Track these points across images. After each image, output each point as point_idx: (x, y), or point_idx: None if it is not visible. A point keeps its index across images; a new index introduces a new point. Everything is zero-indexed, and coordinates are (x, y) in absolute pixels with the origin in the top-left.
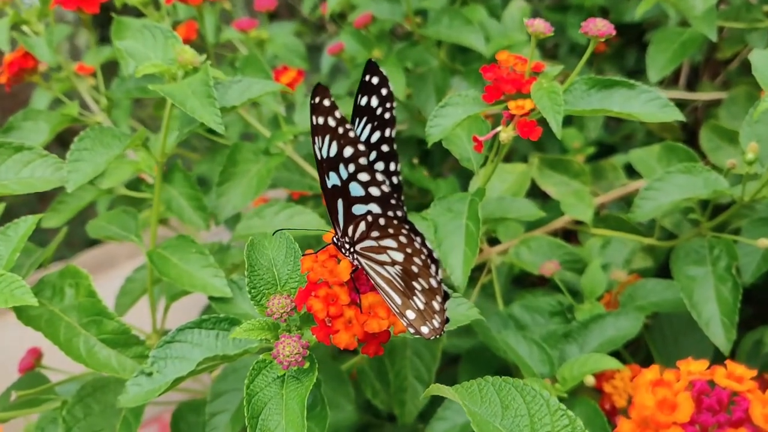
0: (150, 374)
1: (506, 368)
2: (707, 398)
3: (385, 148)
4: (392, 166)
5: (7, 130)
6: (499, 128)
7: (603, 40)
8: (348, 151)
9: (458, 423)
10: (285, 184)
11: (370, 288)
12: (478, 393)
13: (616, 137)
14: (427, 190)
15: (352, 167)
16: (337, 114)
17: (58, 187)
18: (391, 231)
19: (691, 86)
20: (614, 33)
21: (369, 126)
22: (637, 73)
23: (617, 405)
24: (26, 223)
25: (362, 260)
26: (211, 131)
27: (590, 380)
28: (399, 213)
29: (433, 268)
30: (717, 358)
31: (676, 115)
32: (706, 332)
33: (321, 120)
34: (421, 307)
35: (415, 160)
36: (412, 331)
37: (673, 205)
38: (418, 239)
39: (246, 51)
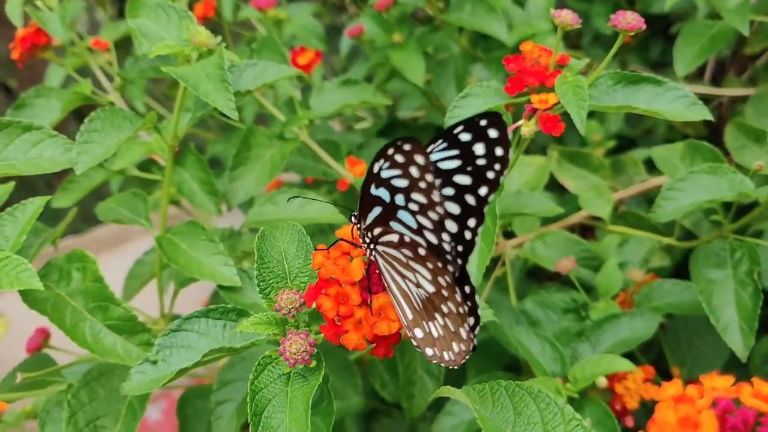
0: (155, 362)
1: (516, 362)
2: (732, 417)
3: (470, 200)
4: (471, 222)
5: (19, 107)
6: (520, 122)
7: (632, 34)
8: (419, 198)
9: (465, 419)
10: (299, 169)
11: (382, 288)
12: (490, 397)
13: (637, 131)
14: None
15: (415, 207)
16: (428, 177)
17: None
18: (429, 266)
19: (716, 81)
20: (644, 27)
21: (456, 161)
22: (662, 65)
23: (628, 406)
24: (34, 205)
25: (380, 260)
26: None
27: (602, 381)
28: (450, 268)
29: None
30: (732, 361)
31: (704, 114)
32: (723, 337)
33: (401, 159)
34: (435, 334)
35: None
36: (417, 347)
37: (695, 206)
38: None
39: (264, 30)
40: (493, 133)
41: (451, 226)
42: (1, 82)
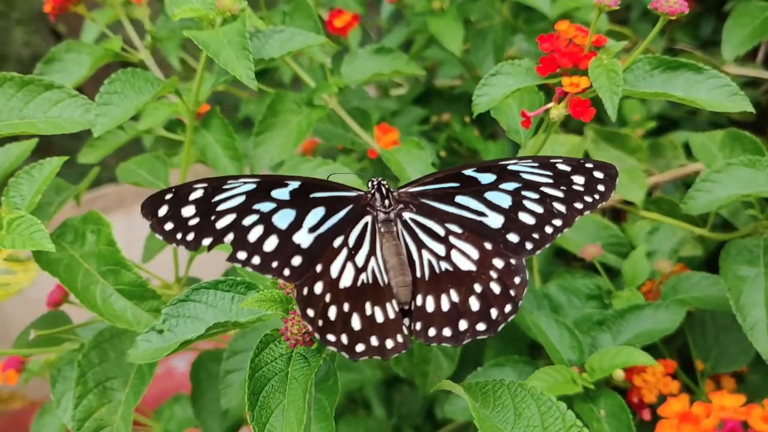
0: (161, 332)
1: (535, 346)
2: None
3: (559, 207)
4: (556, 222)
5: (49, 61)
6: (549, 105)
7: (674, 18)
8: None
9: None
10: (327, 137)
11: None
12: (491, 395)
13: (680, 111)
14: (476, 150)
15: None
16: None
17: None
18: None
19: None
20: (687, 11)
21: (545, 179)
22: (713, 44)
23: (646, 400)
24: (51, 164)
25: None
26: (260, 73)
27: (619, 375)
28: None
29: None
30: (759, 359)
31: (746, 106)
32: (750, 337)
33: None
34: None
35: (467, 119)
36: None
37: (730, 200)
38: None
39: None
40: (598, 174)
41: (529, 219)
42: (51, 28)
